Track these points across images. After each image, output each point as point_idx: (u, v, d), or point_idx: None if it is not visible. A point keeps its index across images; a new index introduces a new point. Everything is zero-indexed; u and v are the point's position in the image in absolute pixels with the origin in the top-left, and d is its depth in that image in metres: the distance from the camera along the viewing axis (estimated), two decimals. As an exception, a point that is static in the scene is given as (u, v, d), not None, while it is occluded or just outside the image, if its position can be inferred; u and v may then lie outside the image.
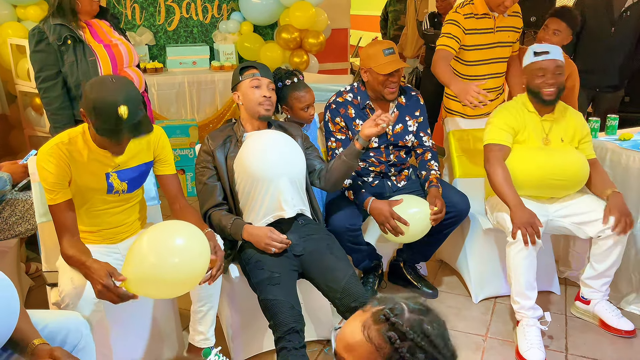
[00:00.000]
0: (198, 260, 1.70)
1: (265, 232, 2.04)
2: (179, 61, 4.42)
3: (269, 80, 2.16)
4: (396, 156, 2.57)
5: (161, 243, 1.66)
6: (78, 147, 1.84)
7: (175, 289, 1.74)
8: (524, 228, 2.19)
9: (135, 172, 1.97)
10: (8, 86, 3.80)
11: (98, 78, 1.79)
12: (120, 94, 1.67)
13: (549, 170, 2.33)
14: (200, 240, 1.72)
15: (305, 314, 2.07)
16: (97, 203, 1.94)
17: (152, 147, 2.00)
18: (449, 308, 2.62)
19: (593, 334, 2.40)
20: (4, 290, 1.30)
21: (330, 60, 5.08)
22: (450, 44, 2.71)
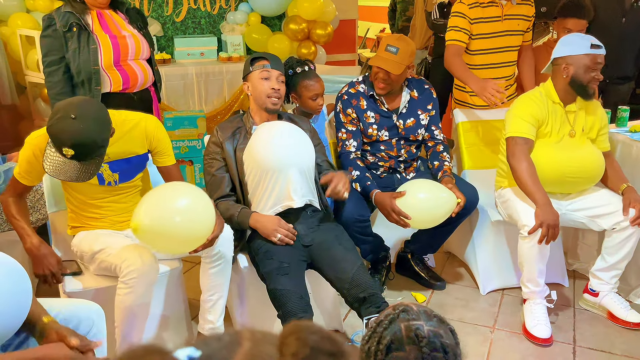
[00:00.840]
0: (204, 218, 1.79)
1: (273, 219, 2.05)
2: (187, 52, 4.41)
3: (279, 72, 2.16)
4: (407, 151, 2.57)
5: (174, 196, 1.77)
6: None
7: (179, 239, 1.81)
8: (546, 228, 2.16)
9: (128, 163, 1.99)
10: (18, 77, 3.82)
11: (64, 107, 1.75)
12: (67, 135, 1.71)
13: (568, 167, 2.30)
14: (208, 204, 1.83)
15: (314, 304, 2.08)
16: (92, 193, 1.98)
17: (148, 140, 2.02)
18: (456, 300, 2.62)
19: (601, 326, 2.39)
20: (16, 275, 1.31)
21: (338, 52, 5.05)
22: (459, 38, 2.71)
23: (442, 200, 2.27)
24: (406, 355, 0.91)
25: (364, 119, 2.50)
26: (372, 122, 2.51)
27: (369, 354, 0.94)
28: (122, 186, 2.01)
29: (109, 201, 2.01)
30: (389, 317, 0.97)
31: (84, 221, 2.03)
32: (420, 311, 0.97)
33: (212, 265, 1.98)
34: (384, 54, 2.38)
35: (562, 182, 2.35)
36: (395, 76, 2.40)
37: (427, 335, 0.92)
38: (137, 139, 1.99)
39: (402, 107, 2.53)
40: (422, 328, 0.93)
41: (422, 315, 0.96)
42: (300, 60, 2.48)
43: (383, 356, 0.91)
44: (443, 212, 2.29)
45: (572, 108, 2.34)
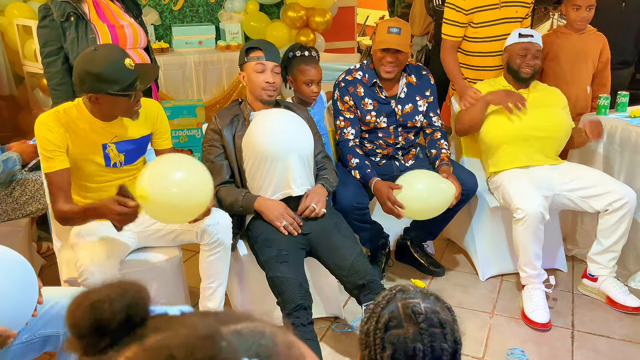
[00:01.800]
0: (203, 188, 1.76)
1: (280, 205, 2.05)
2: (185, 41, 4.39)
3: (274, 64, 2.14)
4: (404, 138, 2.56)
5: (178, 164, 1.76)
6: (73, 117, 1.88)
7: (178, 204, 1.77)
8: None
9: (133, 144, 2.00)
10: (15, 67, 3.80)
11: (83, 56, 1.80)
12: (116, 52, 1.77)
13: (526, 123, 2.45)
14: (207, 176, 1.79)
15: (313, 292, 2.09)
16: (96, 175, 1.98)
17: (151, 121, 2.04)
18: (455, 286, 2.63)
19: (600, 311, 2.41)
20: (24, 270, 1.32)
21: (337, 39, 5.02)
22: (454, 33, 2.76)
23: (441, 191, 2.27)
24: (404, 332, 0.92)
25: (362, 106, 2.49)
26: (370, 108, 2.50)
27: (368, 333, 0.95)
28: (126, 168, 2.02)
29: (111, 185, 2.01)
30: (386, 297, 0.98)
31: None
32: (417, 291, 0.99)
33: (211, 253, 1.99)
34: (388, 37, 2.37)
35: (523, 139, 2.47)
36: (403, 56, 2.42)
37: (424, 312, 0.94)
38: (142, 119, 2.00)
39: (400, 91, 2.52)
40: (419, 305, 0.95)
41: (418, 295, 0.98)
42: (304, 47, 2.48)
43: (382, 334, 0.93)
44: (442, 204, 2.29)
45: (524, 92, 2.56)
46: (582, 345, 2.19)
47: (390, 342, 0.92)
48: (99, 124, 1.90)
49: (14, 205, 2.37)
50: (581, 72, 2.92)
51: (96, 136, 1.91)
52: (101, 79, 1.74)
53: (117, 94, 1.78)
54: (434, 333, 0.92)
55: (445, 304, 0.99)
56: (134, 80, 1.78)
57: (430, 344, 0.91)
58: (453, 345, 0.93)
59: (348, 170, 2.48)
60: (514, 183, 2.37)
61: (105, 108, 1.86)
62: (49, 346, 1.50)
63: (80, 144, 1.89)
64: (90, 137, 1.90)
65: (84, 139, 1.89)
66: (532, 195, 2.28)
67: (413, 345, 0.91)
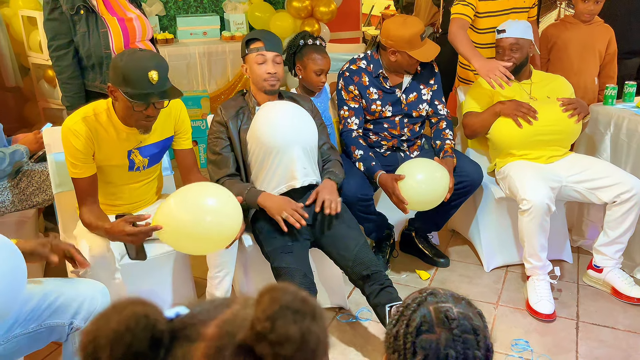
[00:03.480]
0: (232, 222, 1.76)
1: (284, 199, 2.04)
2: (190, 32, 4.38)
3: (274, 53, 2.12)
4: (410, 130, 2.55)
5: (199, 200, 1.73)
6: (102, 123, 1.86)
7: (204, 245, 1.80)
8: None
9: (157, 147, 1.99)
10: (21, 58, 3.81)
11: (127, 50, 1.85)
12: (150, 61, 1.74)
13: (533, 127, 2.41)
14: (234, 203, 1.78)
15: (318, 282, 2.10)
16: (118, 179, 1.97)
17: (173, 122, 2.02)
18: (460, 276, 2.64)
19: (605, 302, 2.40)
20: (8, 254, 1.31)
21: (342, 29, 5.00)
22: (465, 12, 2.66)
23: (436, 180, 2.26)
24: (437, 337, 0.89)
25: (367, 95, 2.48)
26: (376, 97, 2.50)
27: (397, 337, 0.92)
28: (147, 171, 2.02)
29: (130, 187, 2.02)
30: (416, 300, 0.95)
31: None
32: (448, 294, 0.95)
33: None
34: (424, 43, 2.39)
35: (532, 143, 2.45)
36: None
37: (457, 317, 0.90)
38: (166, 121, 1.99)
39: (406, 82, 2.51)
40: (452, 310, 0.91)
41: (450, 298, 0.94)
42: (313, 35, 2.48)
43: (413, 338, 0.89)
44: (439, 193, 2.28)
45: (526, 82, 2.56)
46: (587, 335, 2.19)
47: (421, 347, 0.89)
48: (125, 129, 1.88)
49: (21, 196, 2.39)
50: (589, 63, 2.90)
51: (122, 143, 1.90)
52: (120, 75, 1.73)
53: (128, 98, 1.75)
54: (467, 340, 0.89)
55: (477, 309, 0.95)
56: (148, 93, 1.74)
57: (463, 351, 0.88)
58: (485, 352, 0.90)
59: (352, 161, 2.48)
60: (520, 174, 2.36)
61: (120, 107, 1.84)
62: (54, 336, 1.52)
63: (105, 151, 1.88)
64: (116, 144, 1.89)
65: (110, 146, 1.88)
66: (538, 186, 2.27)
67: (446, 351, 0.87)
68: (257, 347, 0.44)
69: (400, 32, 2.37)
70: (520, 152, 2.47)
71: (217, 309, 0.49)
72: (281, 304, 0.45)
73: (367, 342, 2.18)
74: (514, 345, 2.13)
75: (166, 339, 0.46)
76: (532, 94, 2.54)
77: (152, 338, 0.45)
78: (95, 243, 1.79)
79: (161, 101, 1.79)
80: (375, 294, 1.95)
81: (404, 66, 2.44)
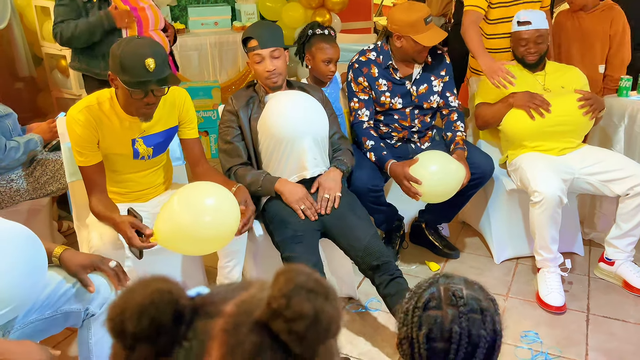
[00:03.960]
0: (228, 220, 1.76)
1: (302, 189, 2.06)
2: (201, 22, 4.39)
3: (270, 49, 2.08)
4: (421, 121, 2.54)
5: (194, 201, 1.72)
6: (105, 111, 1.87)
7: (204, 246, 1.80)
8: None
9: (161, 137, 2.00)
10: (34, 48, 3.84)
11: (125, 38, 1.83)
12: (147, 49, 1.73)
13: (546, 118, 2.38)
14: (231, 201, 1.77)
15: (328, 272, 2.11)
16: (123, 167, 1.98)
17: (177, 111, 2.02)
18: (470, 268, 2.64)
19: (616, 295, 2.39)
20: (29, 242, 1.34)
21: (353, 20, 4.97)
22: (479, 4, 2.64)
23: (451, 173, 2.24)
24: (442, 313, 0.92)
25: (376, 87, 2.48)
26: (385, 89, 2.49)
27: (407, 312, 0.95)
28: (152, 161, 2.03)
29: (137, 176, 2.03)
30: (429, 280, 0.98)
31: None
32: (461, 278, 0.98)
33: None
34: (428, 27, 2.35)
35: (545, 134, 2.42)
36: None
37: (465, 297, 0.93)
38: (170, 111, 2.00)
39: (416, 73, 2.50)
40: (462, 291, 0.94)
41: (462, 281, 0.97)
42: (322, 25, 2.47)
43: (420, 312, 0.93)
44: (453, 186, 2.27)
45: (540, 73, 2.54)
46: (597, 328, 2.19)
47: (427, 321, 0.92)
48: (128, 118, 1.89)
49: (35, 185, 2.42)
50: (594, 51, 2.86)
51: (125, 132, 1.91)
52: (118, 63, 1.73)
53: (126, 86, 1.75)
54: (472, 319, 0.91)
55: (490, 295, 0.97)
56: (145, 80, 1.73)
57: (467, 329, 0.90)
58: (492, 334, 0.92)
59: (363, 152, 2.47)
60: (532, 166, 2.34)
61: (121, 95, 1.85)
62: (70, 322, 1.54)
63: (109, 139, 1.89)
64: (119, 133, 1.90)
65: (113, 134, 1.89)
66: (550, 178, 2.26)
67: (450, 327, 0.90)
68: (273, 324, 0.46)
69: (405, 16, 2.36)
70: (533, 144, 2.45)
71: (235, 291, 0.51)
72: (296, 283, 0.47)
73: (376, 332, 2.19)
74: (523, 337, 2.13)
75: (188, 314, 0.48)
76: (546, 85, 2.51)
77: (175, 312, 0.47)
78: (107, 231, 1.82)
79: (160, 88, 1.78)
80: (385, 284, 1.96)
81: (410, 53, 2.41)
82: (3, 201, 2.35)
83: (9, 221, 1.34)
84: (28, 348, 1.21)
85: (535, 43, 2.44)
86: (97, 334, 1.57)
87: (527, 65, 2.52)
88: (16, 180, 2.37)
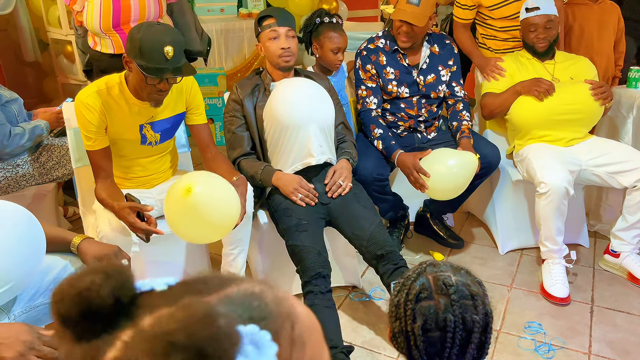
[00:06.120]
0: (233, 213, 1.78)
1: (295, 179, 2.06)
2: (207, 8, 4.37)
3: (287, 28, 2.10)
4: (427, 111, 2.53)
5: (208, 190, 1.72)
6: (114, 96, 1.87)
7: (207, 234, 1.81)
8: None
9: (169, 123, 2.00)
10: (40, 34, 3.83)
11: (146, 22, 1.84)
12: (167, 36, 1.73)
13: (554, 106, 2.37)
14: (235, 195, 1.80)
15: (332, 261, 2.11)
16: (130, 152, 1.98)
17: (184, 97, 2.02)
18: (474, 258, 2.63)
19: (620, 287, 2.39)
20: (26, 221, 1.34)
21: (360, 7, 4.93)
22: (464, 16, 2.71)
23: (464, 167, 2.21)
24: (435, 303, 0.93)
25: (384, 75, 2.46)
26: (392, 78, 2.47)
27: (398, 305, 0.96)
28: (159, 146, 2.03)
29: (144, 161, 2.03)
30: (416, 270, 0.99)
31: None
32: (447, 265, 0.99)
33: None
34: (406, 7, 2.32)
35: (552, 123, 2.41)
36: (419, 28, 2.35)
37: (455, 284, 0.94)
38: (177, 97, 1.99)
39: (422, 62, 2.48)
40: (450, 278, 0.95)
41: (449, 268, 0.98)
42: (329, 13, 2.45)
43: (412, 305, 0.93)
44: (464, 182, 2.24)
45: (549, 62, 2.53)
46: (601, 320, 2.19)
47: (421, 313, 0.92)
48: (137, 103, 1.89)
49: (41, 170, 2.43)
50: (609, 41, 2.84)
51: (134, 117, 1.91)
52: (137, 47, 1.73)
53: (142, 70, 1.75)
54: (464, 305, 0.92)
55: (476, 278, 0.99)
56: (162, 68, 1.73)
57: (461, 315, 0.92)
58: (484, 317, 0.93)
59: (370, 140, 2.47)
60: (539, 156, 2.33)
61: (133, 79, 1.85)
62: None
63: (117, 124, 1.89)
64: (127, 118, 1.90)
65: (121, 119, 1.89)
66: (557, 169, 2.24)
67: (444, 316, 0.91)
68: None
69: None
70: (541, 133, 2.44)
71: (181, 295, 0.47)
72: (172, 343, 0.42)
73: (380, 321, 2.20)
74: (526, 328, 2.13)
75: (124, 307, 0.46)
76: (555, 74, 2.49)
77: (110, 304, 0.45)
78: (114, 218, 1.82)
79: (174, 77, 1.79)
80: (389, 273, 1.96)
81: (394, 30, 2.42)
82: (9, 186, 2.35)
83: (8, 202, 1.34)
84: (17, 329, 1.21)
85: (545, 28, 2.42)
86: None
87: (538, 53, 2.49)
88: (22, 166, 2.38)
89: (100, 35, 2.36)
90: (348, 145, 2.25)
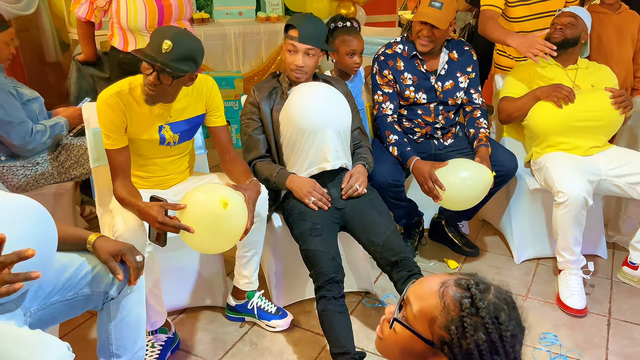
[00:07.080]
0: (244, 223, 1.82)
1: (309, 182, 2.06)
2: (226, 12, 4.40)
3: (307, 47, 2.07)
4: (445, 117, 2.51)
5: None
6: (136, 97, 1.88)
7: (222, 245, 1.83)
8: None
9: (188, 124, 2.01)
10: (62, 34, 3.89)
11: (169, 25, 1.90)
12: (172, 34, 1.74)
13: (574, 113, 2.33)
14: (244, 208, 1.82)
15: (346, 266, 2.10)
16: (148, 152, 2.00)
17: (204, 99, 2.03)
18: (489, 267, 2.61)
19: (638, 300, 2.34)
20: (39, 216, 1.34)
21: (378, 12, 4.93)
22: (495, 2, 2.61)
23: (478, 182, 2.18)
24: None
25: (401, 81, 2.45)
26: (409, 83, 2.46)
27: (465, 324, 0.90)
28: (178, 147, 2.04)
29: (161, 161, 2.04)
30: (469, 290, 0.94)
31: None
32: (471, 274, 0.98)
33: (247, 223, 2.02)
34: (428, 10, 2.31)
35: (572, 129, 2.38)
36: (440, 32, 2.34)
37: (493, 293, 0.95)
38: (197, 99, 2.00)
39: (441, 68, 2.47)
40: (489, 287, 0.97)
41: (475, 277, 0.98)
42: (345, 18, 2.45)
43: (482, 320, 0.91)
44: (479, 194, 2.21)
45: (572, 67, 2.50)
46: (618, 332, 2.15)
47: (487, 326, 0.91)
48: (159, 105, 1.89)
49: (60, 169, 2.46)
50: (628, 51, 2.80)
51: (154, 118, 1.92)
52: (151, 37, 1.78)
53: (139, 55, 1.76)
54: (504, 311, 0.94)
55: None
56: (151, 55, 1.73)
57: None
58: None
59: (385, 146, 2.46)
60: (557, 165, 2.30)
61: None
62: (90, 305, 1.57)
63: (137, 125, 1.91)
64: (148, 119, 1.91)
65: (142, 120, 1.90)
66: (576, 179, 2.21)
67: None
68: None
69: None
70: (558, 140, 2.40)
71: None
72: None
73: (393, 328, 2.18)
74: (542, 339, 2.10)
75: None
76: (577, 81, 2.46)
77: None
78: (129, 217, 1.83)
79: (164, 75, 1.76)
80: (403, 280, 1.95)
81: (414, 34, 2.41)
82: (29, 184, 2.39)
83: (23, 196, 1.34)
84: None
85: (566, 24, 2.42)
86: (115, 317, 1.59)
87: (554, 44, 2.33)
88: (42, 164, 2.41)
89: (143, 33, 2.48)
90: (364, 150, 2.24)
